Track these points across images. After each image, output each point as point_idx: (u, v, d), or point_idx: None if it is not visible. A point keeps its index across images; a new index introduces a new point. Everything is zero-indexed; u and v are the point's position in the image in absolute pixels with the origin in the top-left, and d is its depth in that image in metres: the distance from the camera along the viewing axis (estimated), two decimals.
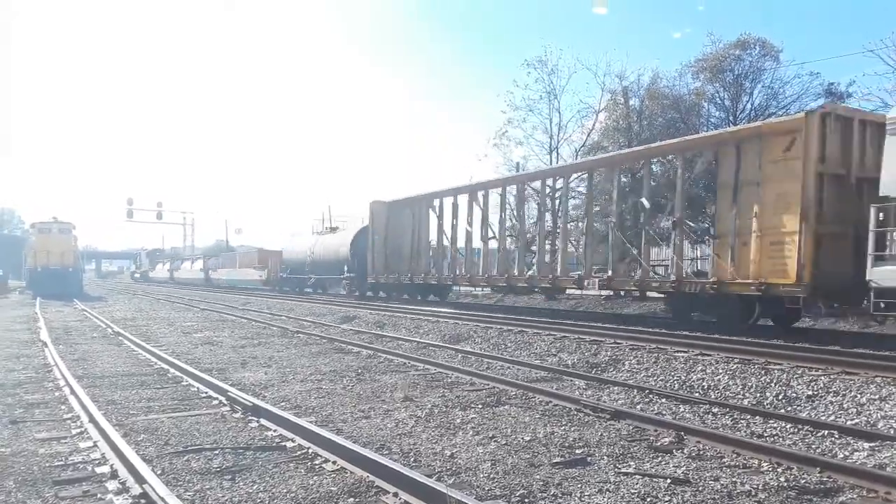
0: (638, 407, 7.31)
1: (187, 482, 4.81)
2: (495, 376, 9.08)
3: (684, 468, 5.08)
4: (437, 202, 23.45)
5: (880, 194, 10.44)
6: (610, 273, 15.88)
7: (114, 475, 4.92)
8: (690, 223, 15.50)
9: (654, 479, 4.80)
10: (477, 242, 21.70)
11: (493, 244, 20.93)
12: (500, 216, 21.21)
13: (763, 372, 8.54)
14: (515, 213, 22.37)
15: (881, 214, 10.24)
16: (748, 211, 12.35)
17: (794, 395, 7.55)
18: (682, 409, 7.20)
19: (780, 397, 7.53)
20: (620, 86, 35.76)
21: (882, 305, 10.25)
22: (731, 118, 31.21)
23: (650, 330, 12.47)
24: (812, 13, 60.22)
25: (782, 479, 4.79)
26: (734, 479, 4.78)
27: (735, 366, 8.98)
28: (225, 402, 7.46)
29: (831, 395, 7.38)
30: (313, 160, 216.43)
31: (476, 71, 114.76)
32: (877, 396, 7.09)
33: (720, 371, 8.79)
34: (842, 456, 5.41)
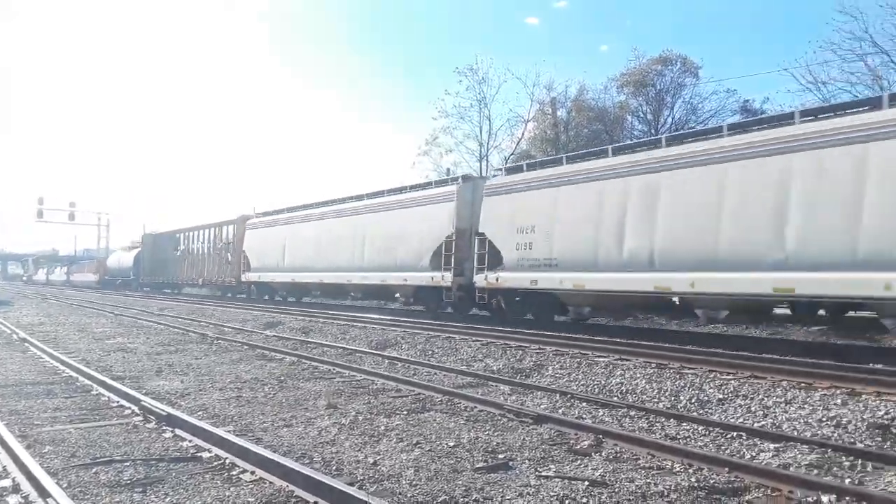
0: (560, 411, 7.45)
1: (95, 496, 4.58)
2: (421, 382, 9.07)
3: (602, 470, 5.21)
4: (177, 235, 39.47)
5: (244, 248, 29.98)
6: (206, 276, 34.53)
7: (16, 489, 4.65)
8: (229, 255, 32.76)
9: (573, 482, 4.90)
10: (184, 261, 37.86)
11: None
12: (199, 247, 35.59)
13: (678, 376, 8.86)
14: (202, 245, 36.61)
15: (244, 256, 29.58)
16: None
17: (706, 398, 7.87)
18: (601, 413, 7.38)
19: (693, 401, 7.83)
20: (549, 97, 36.59)
21: (254, 289, 30.19)
22: (652, 131, 32.36)
23: (574, 336, 12.77)
24: (730, 32, 63.19)
25: (693, 479, 4.98)
26: (648, 480, 4.94)
27: (652, 370, 9.29)
28: (138, 411, 7.16)
29: (740, 398, 7.73)
30: (238, 156, 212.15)
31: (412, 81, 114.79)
32: (782, 399, 7.47)
33: (638, 376, 9.07)
34: (749, 456, 5.66)
